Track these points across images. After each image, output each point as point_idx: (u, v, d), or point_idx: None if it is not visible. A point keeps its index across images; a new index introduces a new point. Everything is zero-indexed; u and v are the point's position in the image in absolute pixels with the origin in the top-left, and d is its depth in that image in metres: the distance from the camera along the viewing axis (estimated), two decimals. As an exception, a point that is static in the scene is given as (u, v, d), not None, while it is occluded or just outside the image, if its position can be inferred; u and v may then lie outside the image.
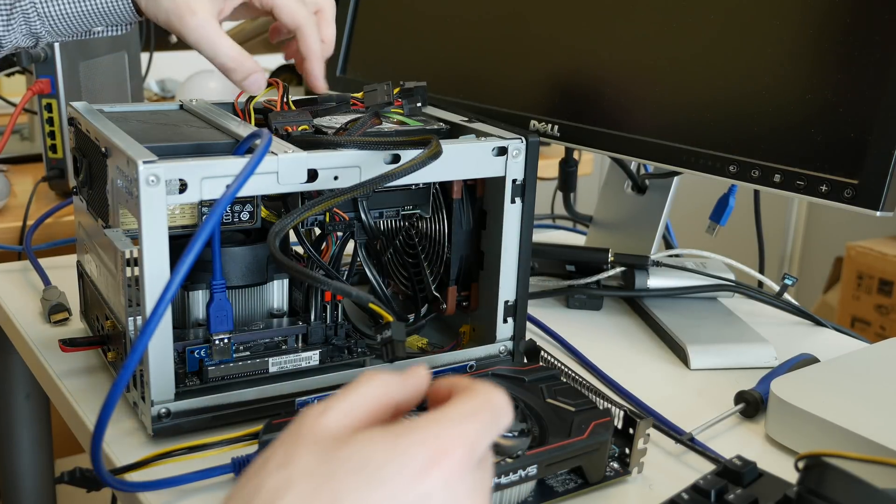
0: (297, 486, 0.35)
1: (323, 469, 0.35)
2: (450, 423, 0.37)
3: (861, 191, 0.64)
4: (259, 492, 0.35)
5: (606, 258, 0.87)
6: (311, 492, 0.35)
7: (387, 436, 0.36)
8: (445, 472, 0.36)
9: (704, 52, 0.75)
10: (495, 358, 0.70)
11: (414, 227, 0.73)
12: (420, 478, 0.35)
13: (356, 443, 0.36)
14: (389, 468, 0.35)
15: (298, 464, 0.36)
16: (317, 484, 0.35)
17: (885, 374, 0.69)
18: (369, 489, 0.35)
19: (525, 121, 0.86)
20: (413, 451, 0.36)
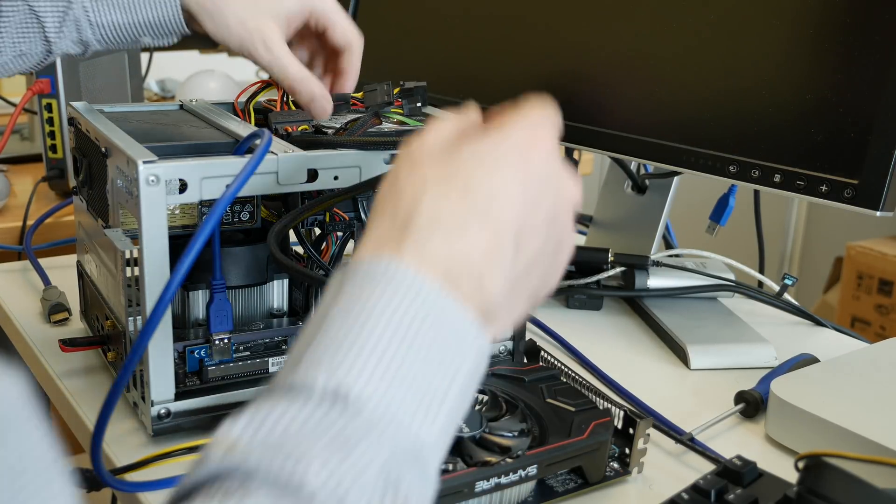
0: (432, 180, 0.42)
1: (448, 168, 0.42)
2: (530, 120, 0.46)
3: (861, 191, 0.64)
4: (403, 192, 0.42)
5: (606, 258, 0.87)
6: (446, 181, 0.42)
7: (487, 135, 0.44)
8: (543, 151, 0.45)
9: (704, 52, 0.75)
10: (495, 358, 0.70)
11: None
12: (527, 157, 0.44)
13: (464, 144, 0.43)
14: (503, 153, 0.43)
15: (425, 169, 0.43)
16: (449, 174, 0.42)
17: (885, 374, 0.69)
18: (493, 169, 0.42)
19: (525, 121, 0.86)
20: (516, 138, 0.44)
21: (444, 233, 0.41)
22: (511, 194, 0.42)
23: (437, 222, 0.41)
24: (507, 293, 0.42)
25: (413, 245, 0.40)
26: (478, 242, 0.41)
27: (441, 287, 0.40)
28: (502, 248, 0.42)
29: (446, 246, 0.40)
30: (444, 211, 0.41)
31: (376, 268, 0.40)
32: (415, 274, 0.39)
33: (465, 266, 0.41)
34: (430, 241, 0.40)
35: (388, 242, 0.41)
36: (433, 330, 0.39)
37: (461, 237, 0.41)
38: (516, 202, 0.43)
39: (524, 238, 0.43)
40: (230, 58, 2.01)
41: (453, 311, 0.40)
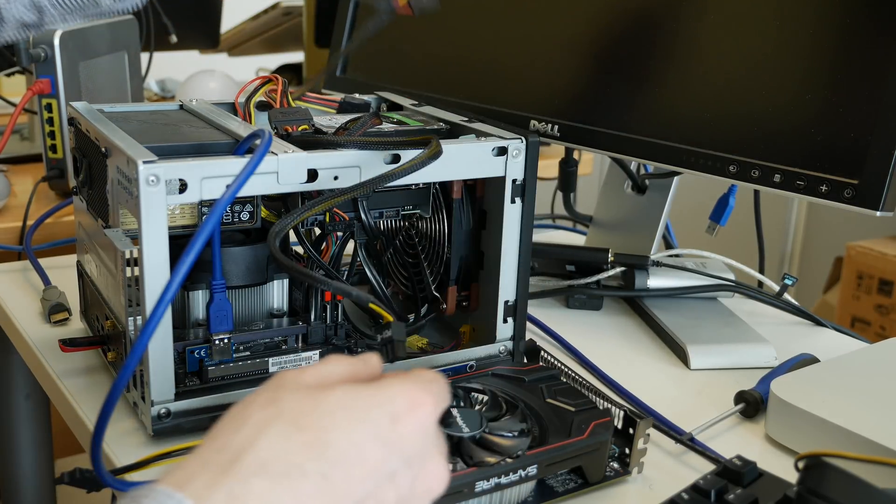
0: (284, 417, 0.37)
1: (310, 406, 0.38)
2: (420, 382, 0.42)
3: (861, 191, 0.64)
4: (247, 422, 0.38)
5: (606, 258, 0.87)
6: (298, 423, 0.37)
7: (368, 385, 0.41)
8: (420, 419, 0.40)
9: (704, 52, 0.74)
10: (495, 358, 0.70)
11: (414, 227, 0.73)
12: (399, 421, 0.39)
13: (339, 389, 0.40)
14: (373, 410, 0.39)
15: (285, 402, 0.38)
16: (304, 417, 0.38)
17: (885, 374, 0.69)
18: (354, 425, 0.38)
19: (525, 121, 0.86)
20: (394, 396, 0.40)
21: (272, 480, 0.35)
22: (366, 461, 0.38)
23: (269, 466, 0.36)
24: None
25: (229, 486, 0.35)
26: (307, 498, 0.36)
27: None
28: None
29: (268, 496, 0.35)
30: (282, 455, 0.36)
31: (169, 499, 0.34)
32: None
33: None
34: (251, 486, 0.35)
35: (203, 473, 0.36)
36: None
37: (290, 492, 0.36)
38: (368, 472, 0.38)
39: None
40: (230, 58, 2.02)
41: None
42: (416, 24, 1.01)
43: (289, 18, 1.86)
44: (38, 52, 1.07)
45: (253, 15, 1.91)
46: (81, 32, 1.14)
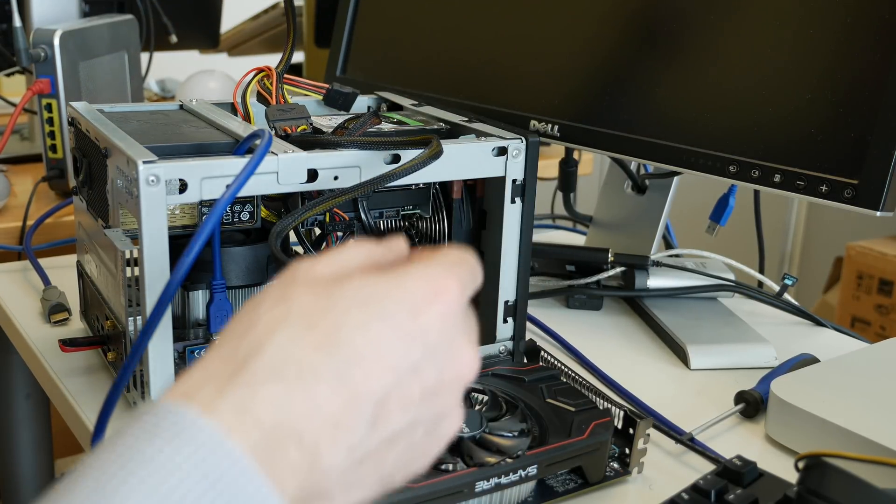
0: (296, 317, 0.35)
1: (322, 304, 0.36)
2: (443, 266, 0.39)
3: (861, 191, 0.64)
4: (255, 325, 0.35)
5: (606, 258, 0.87)
6: (309, 323, 0.35)
7: (386, 275, 0.37)
8: (442, 308, 0.37)
9: (704, 52, 0.74)
10: (495, 358, 0.70)
11: (414, 227, 0.73)
12: (420, 312, 0.37)
13: (356, 280, 0.37)
14: (391, 302, 0.36)
15: (296, 300, 0.36)
16: (316, 316, 0.35)
17: (885, 374, 0.69)
18: (371, 321, 0.35)
19: (525, 121, 0.86)
20: (414, 286, 0.37)
21: (284, 385, 0.33)
22: (384, 357, 0.35)
23: (280, 371, 0.33)
24: (348, 470, 0.35)
25: (236, 395, 0.33)
26: (324, 405, 0.33)
27: (251, 458, 0.32)
28: (354, 418, 0.34)
29: (280, 402, 0.33)
30: (293, 358, 0.34)
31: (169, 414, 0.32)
32: (220, 435, 0.32)
33: (297, 430, 0.33)
34: (261, 393, 0.33)
35: (209, 383, 0.33)
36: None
37: (304, 395, 0.33)
38: (388, 367, 0.35)
39: (389, 411, 0.35)
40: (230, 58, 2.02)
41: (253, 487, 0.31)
42: (417, 23, 1.01)
43: (289, 18, 1.86)
44: (38, 52, 1.07)
45: (253, 15, 1.91)
46: (81, 32, 1.14)
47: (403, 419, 0.36)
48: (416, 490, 0.49)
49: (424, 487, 0.49)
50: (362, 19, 1.06)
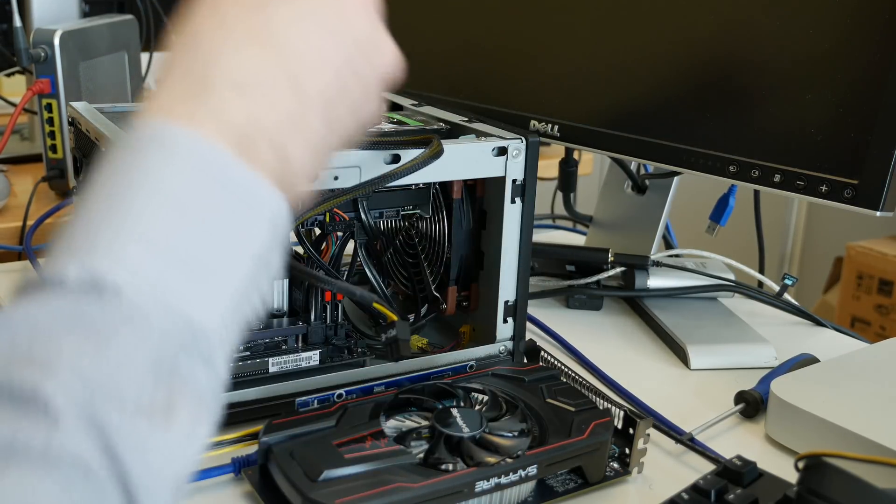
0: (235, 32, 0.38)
1: (256, 17, 0.39)
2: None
3: (861, 191, 0.64)
4: (198, 46, 0.38)
5: (606, 258, 0.87)
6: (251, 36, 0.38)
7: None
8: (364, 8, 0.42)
9: (704, 52, 0.74)
10: (495, 358, 0.70)
11: (414, 227, 0.73)
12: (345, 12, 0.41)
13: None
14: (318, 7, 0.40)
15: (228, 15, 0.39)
16: (255, 28, 0.38)
17: (885, 374, 0.69)
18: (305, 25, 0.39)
19: (525, 121, 0.86)
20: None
21: (246, 94, 0.37)
22: (325, 58, 0.39)
23: (239, 82, 0.37)
24: (309, 160, 0.39)
25: (207, 106, 0.36)
26: (284, 111, 0.38)
27: (234, 154, 0.36)
28: (310, 118, 0.39)
29: (247, 109, 0.37)
30: (247, 69, 0.37)
31: (156, 132, 0.35)
32: (202, 139, 0.35)
33: (266, 132, 0.37)
34: (229, 103, 0.36)
35: (178, 103, 0.36)
36: (217, 201, 0.35)
37: (265, 100, 0.37)
38: (329, 67, 0.39)
39: (333, 105, 0.40)
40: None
41: (245, 181, 0.36)
42: (417, 23, 1.01)
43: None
44: (38, 52, 1.07)
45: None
46: (81, 32, 1.14)
47: (346, 112, 0.41)
48: (416, 490, 0.49)
49: (424, 487, 0.49)
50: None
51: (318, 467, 0.49)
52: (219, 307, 0.34)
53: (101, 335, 0.31)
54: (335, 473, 0.49)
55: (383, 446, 0.52)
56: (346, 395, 0.62)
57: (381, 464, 0.50)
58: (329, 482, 0.49)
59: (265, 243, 0.36)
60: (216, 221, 0.35)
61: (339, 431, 0.53)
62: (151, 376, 0.32)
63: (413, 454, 0.52)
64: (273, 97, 0.37)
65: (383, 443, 0.53)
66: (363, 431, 0.53)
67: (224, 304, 0.35)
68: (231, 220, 0.35)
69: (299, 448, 0.51)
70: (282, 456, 0.51)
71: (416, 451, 0.53)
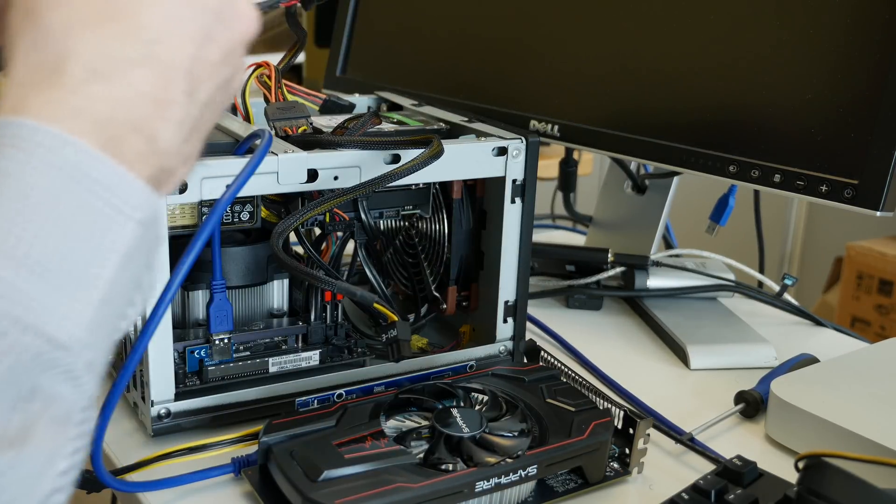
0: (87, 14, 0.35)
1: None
2: None
3: (861, 191, 0.64)
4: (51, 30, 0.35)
5: (606, 258, 0.87)
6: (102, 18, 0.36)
7: None
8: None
9: (704, 52, 0.74)
10: (495, 358, 0.70)
11: (414, 227, 0.73)
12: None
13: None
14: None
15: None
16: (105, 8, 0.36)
17: (885, 374, 0.69)
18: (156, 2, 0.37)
19: (525, 121, 0.86)
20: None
21: (104, 79, 0.34)
22: (181, 30, 0.37)
23: (95, 66, 0.35)
24: (182, 143, 0.38)
25: (64, 97, 0.34)
26: (145, 92, 0.35)
27: (95, 148, 0.34)
28: (174, 95, 0.37)
29: (106, 95, 0.34)
30: (102, 55, 0.35)
31: (8, 129, 0.33)
32: (59, 134, 0.33)
33: (130, 121, 0.35)
34: (86, 91, 0.34)
35: (31, 94, 0.34)
36: (75, 202, 0.32)
37: (125, 87, 0.35)
38: (186, 38, 0.37)
39: (199, 77, 0.38)
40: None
41: (107, 178, 0.34)
42: (417, 23, 1.01)
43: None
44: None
45: (253, 15, 1.90)
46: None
47: (211, 83, 0.39)
48: (416, 490, 0.49)
49: (424, 487, 0.49)
50: (362, 19, 1.06)
51: (318, 467, 0.49)
52: (82, 317, 0.32)
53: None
54: (335, 473, 0.49)
55: (383, 446, 0.52)
56: (346, 395, 0.62)
57: (381, 464, 0.50)
58: (329, 482, 0.49)
59: (133, 243, 0.34)
60: (73, 224, 0.32)
61: (339, 431, 0.53)
62: (8, 399, 0.30)
63: (413, 454, 0.52)
64: (133, 79, 0.35)
65: (383, 443, 0.53)
66: (363, 431, 0.53)
67: (88, 314, 0.33)
68: (90, 222, 0.33)
69: (299, 448, 0.52)
70: (282, 456, 0.51)
71: (416, 451, 0.53)
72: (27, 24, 0.35)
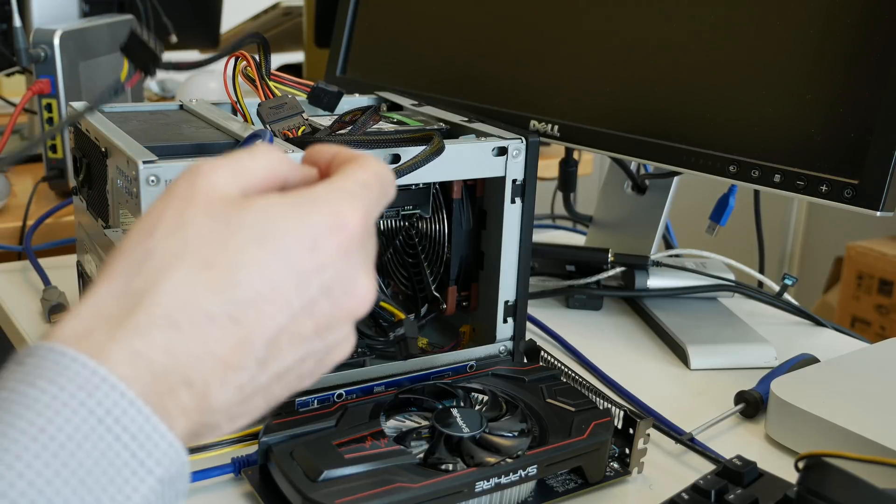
0: (192, 252, 0.34)
1: (219, 237, 0.35)
2: (346, 194, 0.38)
3: (861, 191, 0.64)
4: (150, 257, 0.34)
5: (606, 258, 0.87)
6: (205, 262, 0.34)
7: (285, 203, 0.36)
8: (343, 243, 0.37)
9: (704, 52, 0.74)
10: (495, 358, 0.70)
11: (414, 227, 0.73)
12: (319, 248, 0.36)
13: (254, 209, 0.36)
14: (290, 238, 0.35)
15: (192, 228, 0.35)
16: (213, 251, 0.34)
17: (885, 374, 0.69)
18: (268, 260, 0.35)
19: (525, 121, 0.86)
20: (315, 219, 0.36)
21: (177, 331, 0.33)
22: (279, 296, 0.35)
23: (174, 317, 0.33)
24: (236, 405, 0.36)
25: (130, 339, 0.33)
26: (216, 349, 0.34)
27: (138, 395, 0.32)
28: (245, 359, 0.35)
29: (170, 345, 0.33)
30: (187, 303, 0.33)
31: (54, 353, 0.32)
32: (107, 375, 0.32)
33: (188, 375, 0.33)
34: (153, 336, 0.33)
35: (100, 325, 0.33)
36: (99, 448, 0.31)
37: (197, 340, 0.33)
38: (282, 307, 0.35)
39: (280, 349, 0.36)
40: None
41: (141, 430, 0.32)
42: (417, 23, 1.01)
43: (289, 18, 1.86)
44: (38, 52, 1.07)
45: (253, 15, 1.91)
46: (81, 32, 1.14)
47: (294, 356, 0.37)
48: (416, 490, 0.49)
49: (424, 487, 0.49)
50: (362, 19, 1.06)
51: (318, 467, 0.49)
52: None
53: None
54: (335, 473, 0.49)
55: (383, 446, 0.52)
56: (346, 395, 0.62)
57: (381, 464, 0.50)
58: (329, 482, 0.49)
59: (151, 498, 0.32)
60: (92, 470, 0.31)
61: (339, 431, 0.53)
62: None
63: (413, 454, 0.52)
64: (207, 336, 0.34)
65: (383, 443, 0.53)
66: (363, 431, 0.53)
67: None
68: (110, 471, 0.31)
69: (299, 448, 0.52)
70: (282, 456, 0.51)
71: (416, 451, 0.53)
72: (139, 249, 0.35)
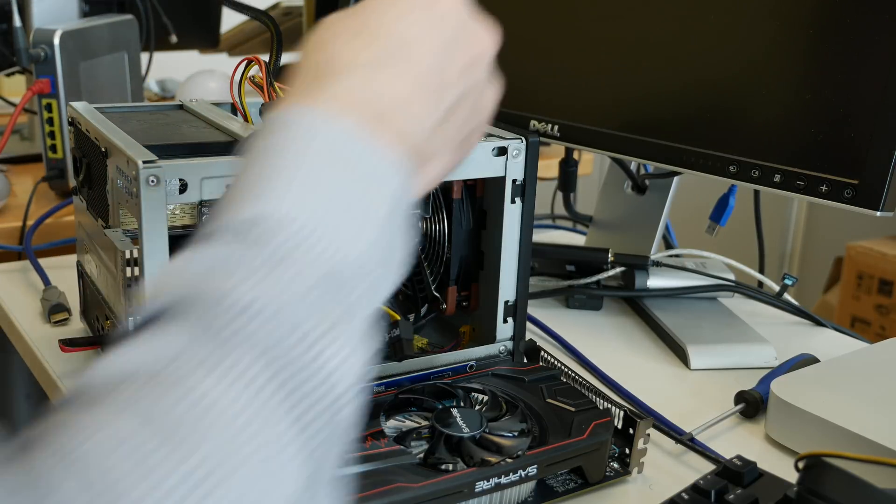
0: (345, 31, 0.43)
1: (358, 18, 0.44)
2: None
3: (861, 191, 0.64)
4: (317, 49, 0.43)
5: (606, 258, 0.87)
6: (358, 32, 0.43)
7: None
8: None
9: (704, 52, 0.75)
10: (495, 358, 0.70)
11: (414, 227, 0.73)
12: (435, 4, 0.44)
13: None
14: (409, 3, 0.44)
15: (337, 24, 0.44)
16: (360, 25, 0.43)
17: (885, 374, 0.69)
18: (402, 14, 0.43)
19: (525, 121, 0.86)
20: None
21: (363, 74, 0.41)
22: (425, 41, 0.43)
23: (355, 65, 0.41)
24: (431, 137, 0.43)
25: (329, 90, 0.40)
26: (399, 84, 0.41)
27: (361, 127, 0.39)
28: (424, 91, 0.42)
29: (365, 87, 0.41)
30: (360, 55, 0.42)
31: (289, 116, 0.39)
32: (333, 115, 0.39)
33: (386, 106, 0.41)
34: (349, 84, 0.41)
35: (304, 94, 0.41)
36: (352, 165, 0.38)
37: (381, 79, 0.41)
38: (431, 46, 0.43)
39: (444, 82, 0.43)
40: (230, 58, 2.01)
41: (374, 149, 0.39)
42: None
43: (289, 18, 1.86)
44: (38, 52, 1.07)
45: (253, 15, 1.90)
46: (81, 32, 1.14)
47: (457, 89, 0.44)
48: (416, 490, 0.49)
49: (424, 487, 0.49)
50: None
51: (318, 467, 0.49)
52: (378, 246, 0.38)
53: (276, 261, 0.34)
54: (335, 473, 0.49)
55: (383, 446, 0.52)
56: (346, 395, 0.62)
57: (381, 464, 0.50)
58: (329, 482, 0.49)
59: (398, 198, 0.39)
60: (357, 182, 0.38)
61: (339, 431, 0.53)
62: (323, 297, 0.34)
63: (413, 454, 0.52)
64: (389, 75, 0.41)
65: (383, 443, 0.53)
66: (363, 431, 0.53)
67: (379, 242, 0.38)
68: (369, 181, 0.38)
69: (299, 448, 0.51)
70: (282, 456, 0.51)
71: (416, 451, 0.53)
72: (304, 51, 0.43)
